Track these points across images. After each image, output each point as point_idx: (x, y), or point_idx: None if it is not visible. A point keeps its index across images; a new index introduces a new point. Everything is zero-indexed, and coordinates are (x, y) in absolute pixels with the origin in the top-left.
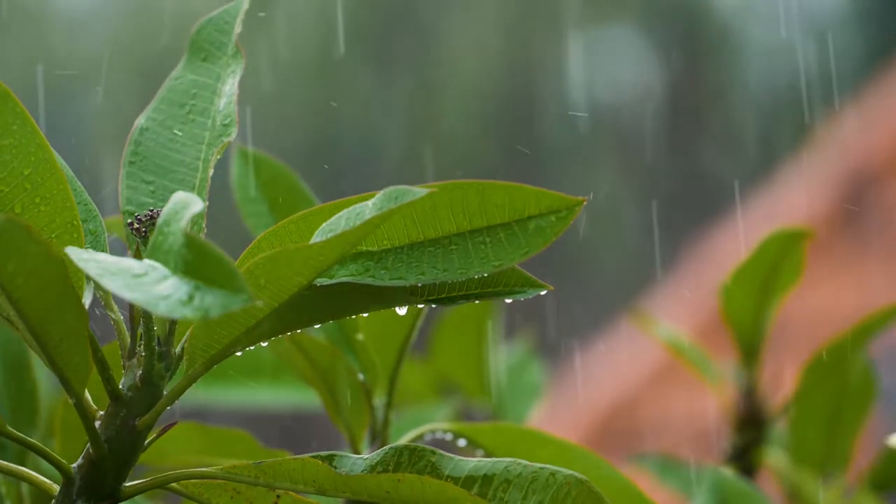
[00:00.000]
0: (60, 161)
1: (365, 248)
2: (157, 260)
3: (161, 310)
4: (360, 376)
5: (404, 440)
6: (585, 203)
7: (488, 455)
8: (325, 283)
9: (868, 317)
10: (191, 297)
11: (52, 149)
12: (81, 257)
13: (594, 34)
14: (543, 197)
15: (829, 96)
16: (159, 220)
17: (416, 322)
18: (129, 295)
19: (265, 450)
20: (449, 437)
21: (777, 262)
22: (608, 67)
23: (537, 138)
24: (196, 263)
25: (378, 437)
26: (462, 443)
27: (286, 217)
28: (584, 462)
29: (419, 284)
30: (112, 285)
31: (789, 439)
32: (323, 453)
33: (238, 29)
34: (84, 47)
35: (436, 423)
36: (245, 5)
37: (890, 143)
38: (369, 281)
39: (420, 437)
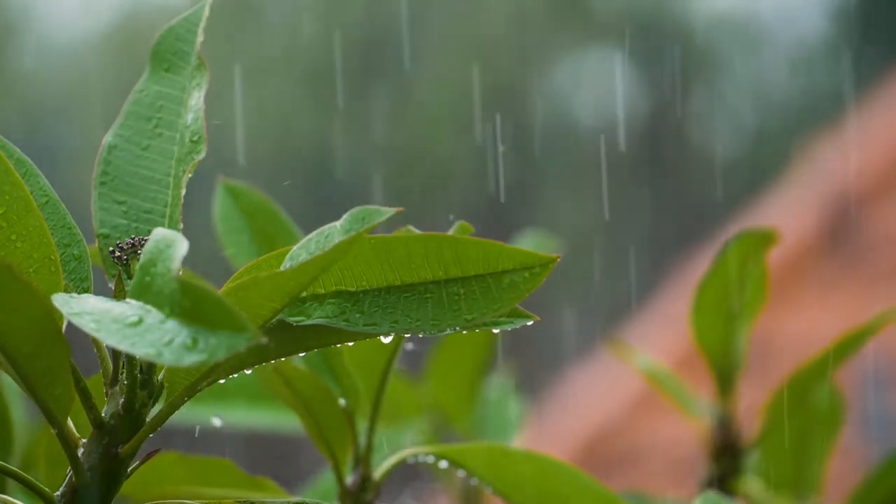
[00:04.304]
0: (48, 188)
1: (343, 287)
2: (146, 301)
3: (167, 359)
4: (342, 401)
5: (386, 465)
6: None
7: (470, 475)
8: (302, 323)
9: (835, 342)
10: (195, 341)
11: (25, 187)
12: (73, 311)
13: (576, 58)
14: (517, 253)
15: (813, 120)
16: (143, 259)
17: (398, 347)
18: (132, 350)
19: (249, 478)
20: (431, 459)
21: (741, 272)
22: (590, 91)
23: (519, 162)
24: (195, 308)
25: (361, 462)
26: (444, 464)
27: (267, 247)
28: (565, 476)
29: (392, 334)
30: (112, 341)
31: (761, 466)
32: None
33: (200, 38)
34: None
35: (417, 448)
36: (206, 13)
37: (874, 167)
38: (343, 325)
39: (402, 461)
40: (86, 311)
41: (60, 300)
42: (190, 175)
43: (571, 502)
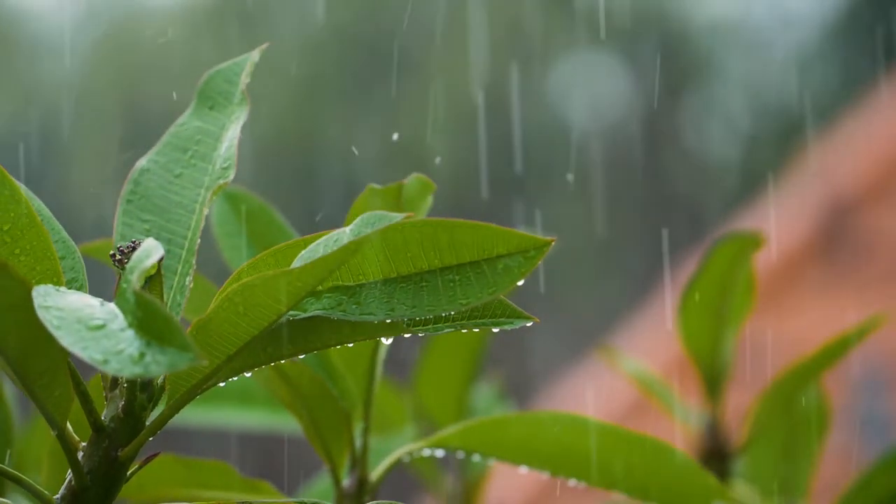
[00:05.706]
0: (38, 203)
1: (340, 282)
2: (120, 307)
3: (112, 367)
4: (340, 402)
5: (383, 466)
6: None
7: (468, 454)
8: (298, 318)
9: (820, 347)
10: (142, 355)
11: (30, 203)
12: (44, 304)
13: (574, 60)
14: (511, 237)
15: (807, 125)
16: (127, 265)
17: (381, 347)
18: (81, 354)
19: (244, 480)
20: (426, 452)
21: (727, 275)
22: (587, 94)
23: (514, 164)
24: (147, 321)
25: (358, 464)
26: (440, 453)
27: (263, 249)
28: (557, 424)
29: (388, 321)
30: (67, 341)
31: (749, 470)
32: None
33: (246, 80)
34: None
35: (411, 445)
36: (255, 58)
37: (868, 172)
38: (340, 315)
39: (398, 461)
40: (57, 306)
41: (40, 291)
42: (215, 196)
43: (574, 447)
